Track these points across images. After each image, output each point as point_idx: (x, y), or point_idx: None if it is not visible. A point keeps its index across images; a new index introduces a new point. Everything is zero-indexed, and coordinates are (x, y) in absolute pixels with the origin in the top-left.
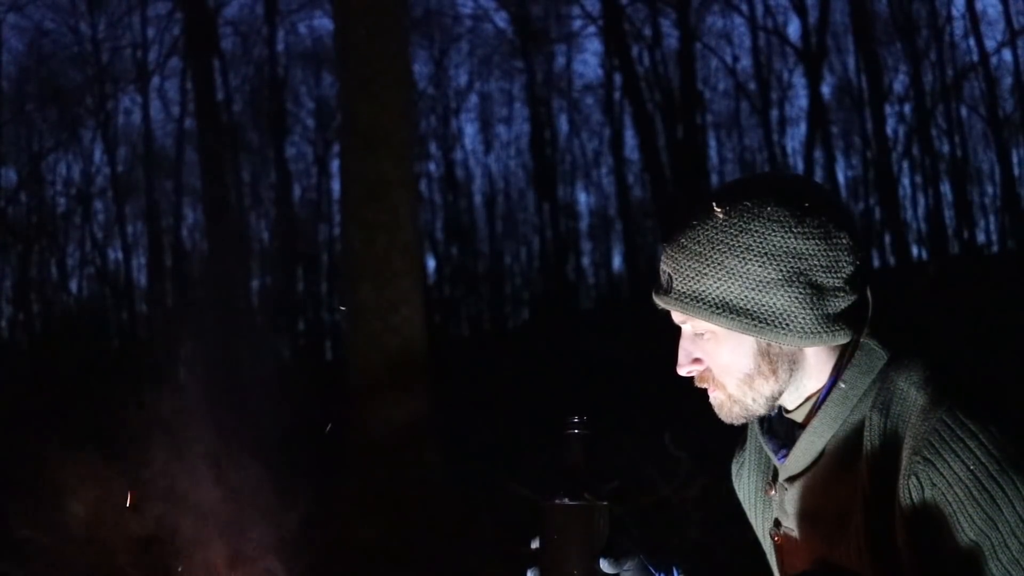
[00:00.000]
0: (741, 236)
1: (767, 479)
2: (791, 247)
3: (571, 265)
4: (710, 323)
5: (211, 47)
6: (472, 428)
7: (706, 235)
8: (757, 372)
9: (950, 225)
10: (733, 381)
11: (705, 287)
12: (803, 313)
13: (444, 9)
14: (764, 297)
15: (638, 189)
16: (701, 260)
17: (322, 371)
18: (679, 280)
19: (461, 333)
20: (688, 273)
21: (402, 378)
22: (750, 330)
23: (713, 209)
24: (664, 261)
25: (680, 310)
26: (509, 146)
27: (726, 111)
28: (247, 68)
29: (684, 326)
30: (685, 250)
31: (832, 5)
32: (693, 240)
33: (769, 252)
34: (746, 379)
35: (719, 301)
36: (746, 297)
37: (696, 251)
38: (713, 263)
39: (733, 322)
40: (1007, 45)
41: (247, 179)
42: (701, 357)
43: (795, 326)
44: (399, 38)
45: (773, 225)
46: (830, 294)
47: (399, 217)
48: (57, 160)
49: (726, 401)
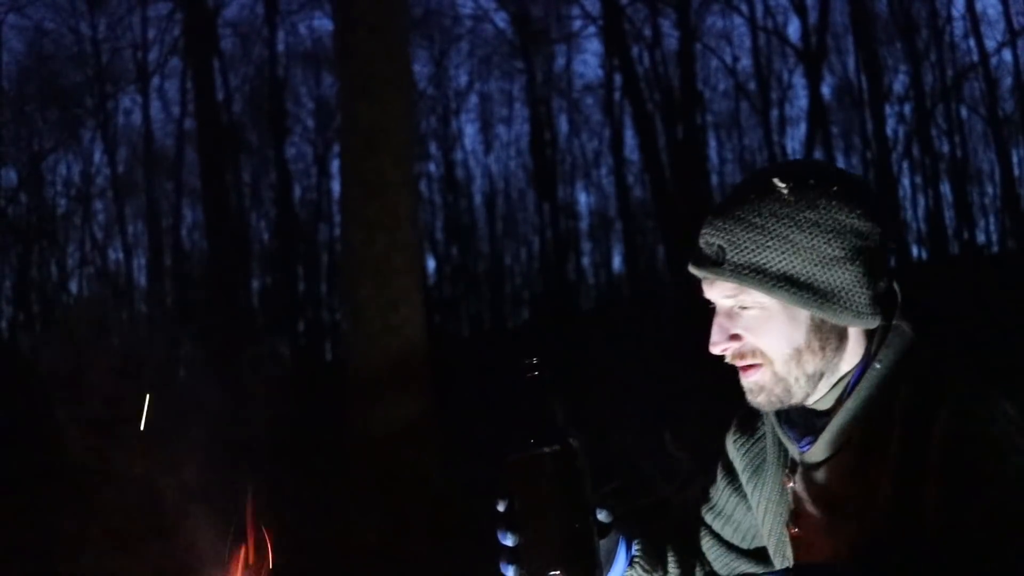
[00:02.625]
0: (808, 211)
1: (784, 471)
2: (854, 226)
3: (571, 265)
4: (769, 296)
5: (211, 47)
6: (472, 428)
7: (769, 208)
8: (807, 348)
9: (950, 225)
10: (781, 357)
11: (766, 259)
12: (859, 292)
13: (444, 9)
14: (826, 273)
15: (638, 189)
16: (764, 232)
17: (322, 371)
18: (735, 252)
19: (461, 333)
20: (747, 245)
21: (402, 378)
22: (809, 305)
23: (776, 184)
24: (713, 233)
25: (737, 282)
26: (509, 146)
27: (726, 111)
28: (247, 68)
29: (724, 301)
30: (743, 222)
31: (832, 5)
32: (753, 213)
33: (835, 229)
34: (795, 354)
35: (781, 274)
36: (808, 272)
37: (758, 224)
38: (777, 236)
39: (794, 296)
40: (1007, 45)
41: (247, 179)
42: (740, 334)
43: (851, 304)
44: (399, 38)
45: (839, 203)
46: (879, 275)
47: (399, 217)
48: (57, 160)
49: (768, 381)
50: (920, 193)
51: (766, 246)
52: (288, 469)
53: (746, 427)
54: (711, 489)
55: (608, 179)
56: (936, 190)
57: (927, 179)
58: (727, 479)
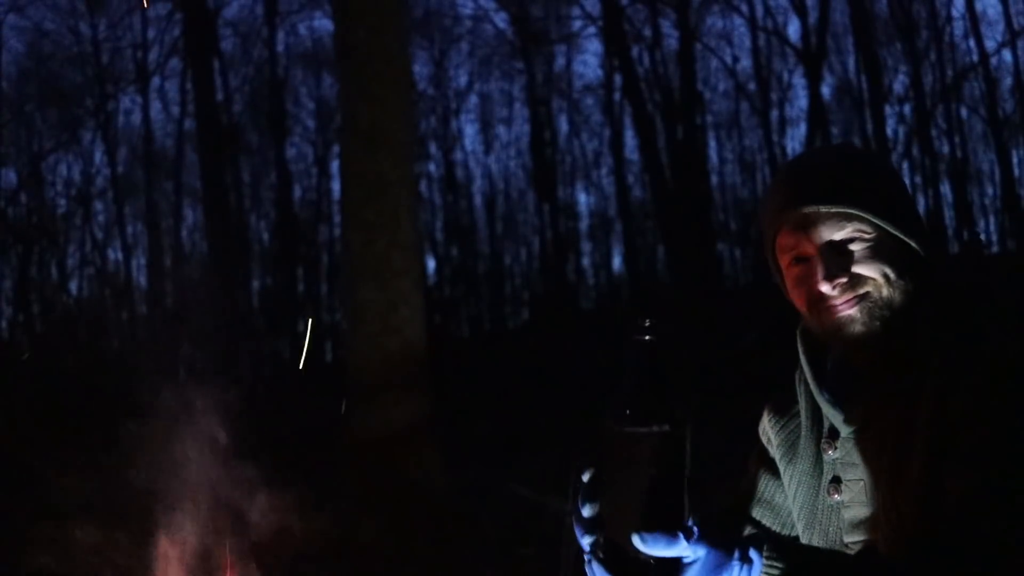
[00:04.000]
0: (880, 161)
1: (822, 442)
2: (904, 184)
3: (571, 266)
4: (884, 222)
5: (211, 48)
6: (472, 428)
7: (864, 159)
8: (899, 276)
9: (950, 225)
10: (886, 282)
11: (879, 193)
12: (926, 236)
13: (444, 10)
14: (913, 213)
15: (638, 189)
16: (870, 175)
17: (322, 371)
18: (852, 184)
19: (461, 333)
20: (860, 181)
21: (402, 378)
22: (913, 235)
23: (848, 147)
24: (824, 174)
25: (860, 208)
26: (509, 147)
27: (726, 112)
28: (247, 69)
29: (836, 235)
30: (852, 164)
31: (832, 5)
32: (855, 161)
33: (902, 182)
34: (896, 280)
35: (890, 205)
36: (903, 206)
37: (858, 165)
38: (877, 174)
39: (899, 225)
40: (1007, 45)
41: (247, 180)
42: (851, 266)
43: (925, 244)
44: (399, 38)
45: (890, 166)
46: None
47: (399, 217)
48: (57, 161)
49: (866, 312)
50: (920, 193)
51: (886, 181)
52: (288, 469)
53: (780, 408)
54: (744, 480)
55: (608, 179)
56: (936, 190)
57: (927, 179)
58: (763, 466)
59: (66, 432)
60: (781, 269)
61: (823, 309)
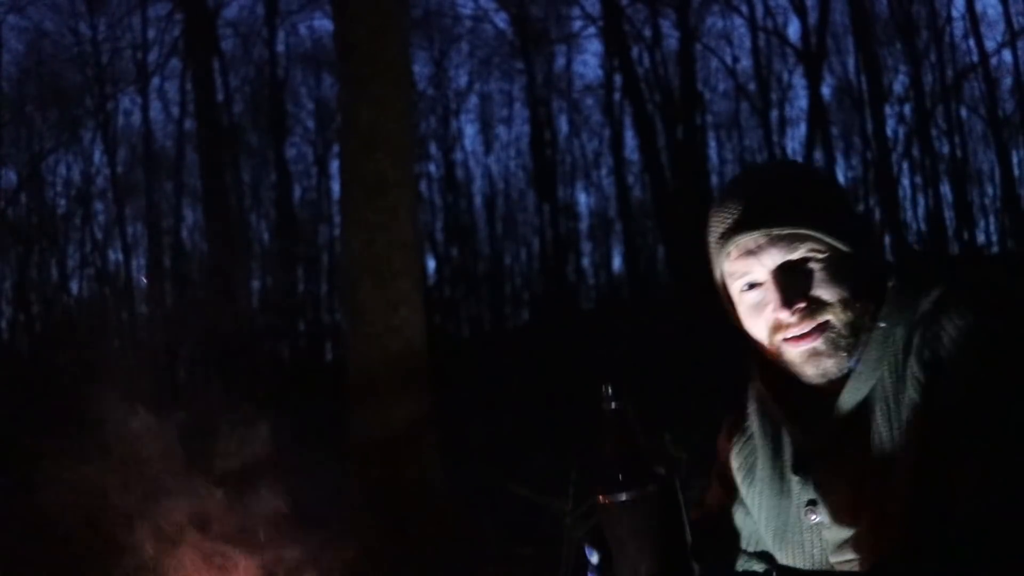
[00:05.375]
0: (817, 173)
1: (787, 464)
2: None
3: (571, 266)
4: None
5: (211, 48)
6: (472, 428)
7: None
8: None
9: (950, 226)
10: (842, 304)
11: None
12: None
13: (444, 10)
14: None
15: (638, 190)
16: (809, 188)
17: (322, 371)
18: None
19: (461, 333)
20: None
21: (402, 378)
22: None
23: (784, 163)
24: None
25: (809, 228)
26: (509, 147)
27: (726, 112)
28: (247, 69)
29: (789, 256)
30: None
31: (832, 6)
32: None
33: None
34: (852, 299)
35: (838, 223)
36: (847, 217)
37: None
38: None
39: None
40: (1007, 46)
41: (247, 180)
42: (809, 287)
43: (878, 247)
44: (399, 39)
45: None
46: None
47: (399, 217)
48: (57, 161)
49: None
50: (920, 193)
51: (814, 197)
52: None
53: (736, 428)
54: (707, 496)
55: (608, 179)
56: (936, 191)
57: (927, 179)
58: (723, 484)
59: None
60: (731, 298)
61: (784, 340)
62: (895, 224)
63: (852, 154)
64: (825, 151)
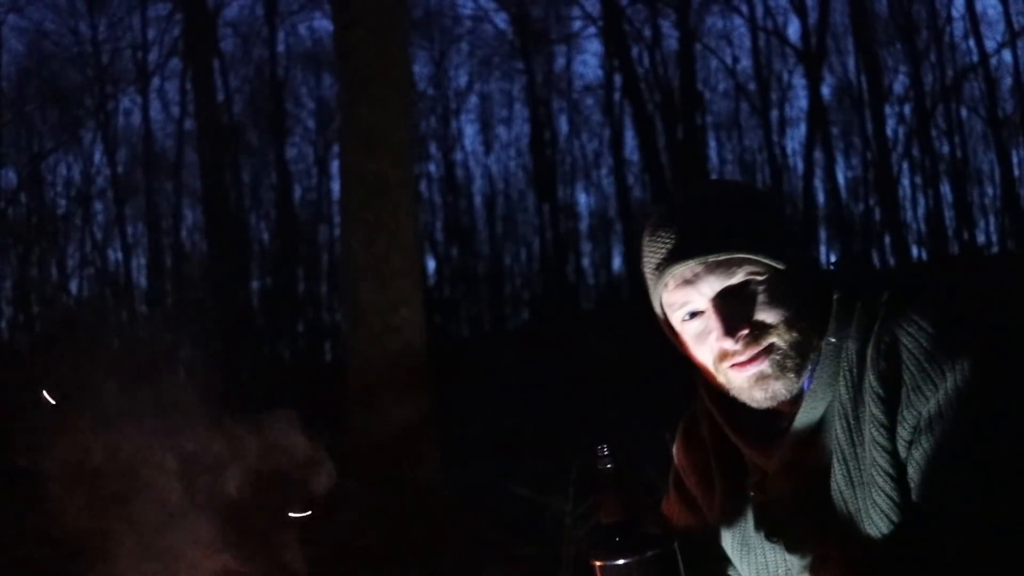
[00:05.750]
0: (749, 192)
1: (742, 484)
2: (782, 211)
3: (571, 266)
4: (774, 261)
5: (211, 48)
6: (472, 428)
7: (726, 196)
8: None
9: (950, 226)
10: (786, 326)
11: (758, 232)
12: (810, 261)
13: (444, 10)
14: (796, 238)
15: (638, 190)
16: (741, 211)
17: (322, 372)
18: (738, 231)
19: (461, 334)
20: (735, 224)
21: (402, 379)
22: (798, 262)
23: (714, 185)
24: (706, 219)
25: (748, 252)
26: (509, 147)
27: (726, 112)
28: (247, 69)
29: (728, 282)
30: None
31: (832, 6)
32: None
33: (778, 207)
34: (796, 319)
35: (774, 241)
36: (785, 236)
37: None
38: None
39: (789, 257)
40: (1007, 46)
41: (247, 180)
42: (753, 312)
43: (816, 265)
44: (399, 39)
45: (764, 193)
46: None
47: (399, 217)
48: (57, 161)
49: (783, 360)
50: (920, 194)
51: (747, 217)
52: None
53: (692, 436)
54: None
55: (608, 179)
56: (936, 191)
57: (927, 179)
58: (679, 494)
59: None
60: (673, 328)
61: (730, 367)
62: (895, 224)
63: (852, 154)
64: (825, 151)
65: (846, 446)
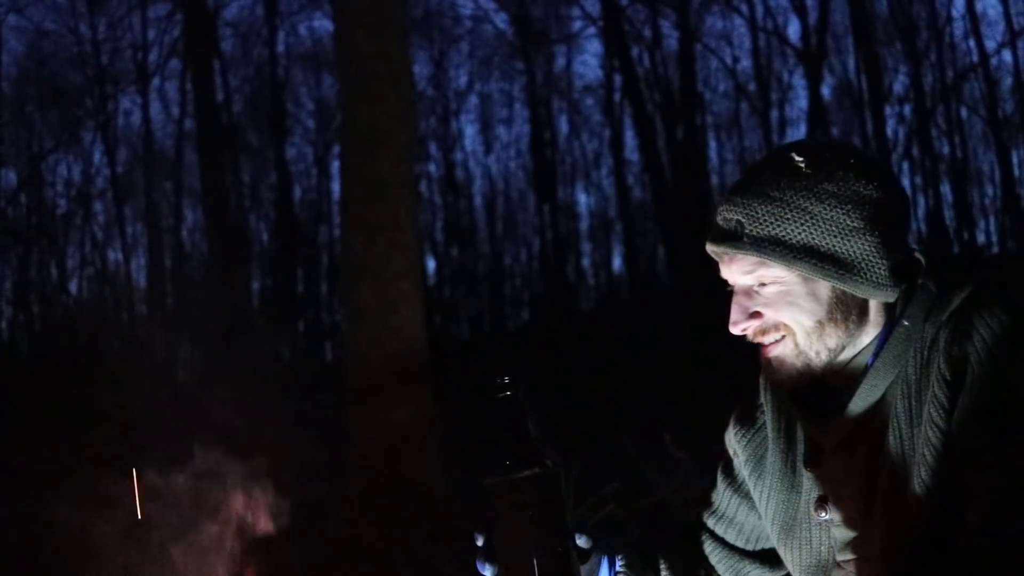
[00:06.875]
0: (826, 183)
1: (799, 458)
2: (872, 197)
3: (571, 266)
4: (790, 268)
5: (211, 48)
6: (472, 428)
7: (786, 181)
8: (829, 320)
9: (950, 226)
10: (803, 330)
11: (786, 232)
12: (878, 262)
13: (444, 10)
14: (846, 244)
15: (638, 190)
16: (782, 205)
17: (322, 372)
18: (754, 226)
19: (461, 334)
20: (766, 219)
21: (402, 379)
22: (830, 276)
23: (793, 158)
24: (730, 209)
25: (756, 255)
26: (509, 147)
27: (726, 112)
28: (247, 69)
29: (742, 279)
30: (761, 196)
31: (832, 6)
32: (771, 186)
33: (853, 200)
34: (817, 327)
35: (801, 246)
36: (828, 243)
37: (775, 196)
38: (796, 207)
39: (815, 268)
40: (1007, 46)
41: (247, 180)
42: (760, 311)
43: (871, 275)
44: (399, 39)
45: (856, 175)
46: (899, 246)
47: (399, 218)
48: (57, 161)
49: (790, 354)
50: (920, 194)
51: (785, 218)
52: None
53: (745, 420)
54: (712, 493)
55: (608, 180)
56: (936, 191)
57: (927, 179)
58: (728, 480)
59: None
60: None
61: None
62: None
63: None
64: None
65: (904, 424)
